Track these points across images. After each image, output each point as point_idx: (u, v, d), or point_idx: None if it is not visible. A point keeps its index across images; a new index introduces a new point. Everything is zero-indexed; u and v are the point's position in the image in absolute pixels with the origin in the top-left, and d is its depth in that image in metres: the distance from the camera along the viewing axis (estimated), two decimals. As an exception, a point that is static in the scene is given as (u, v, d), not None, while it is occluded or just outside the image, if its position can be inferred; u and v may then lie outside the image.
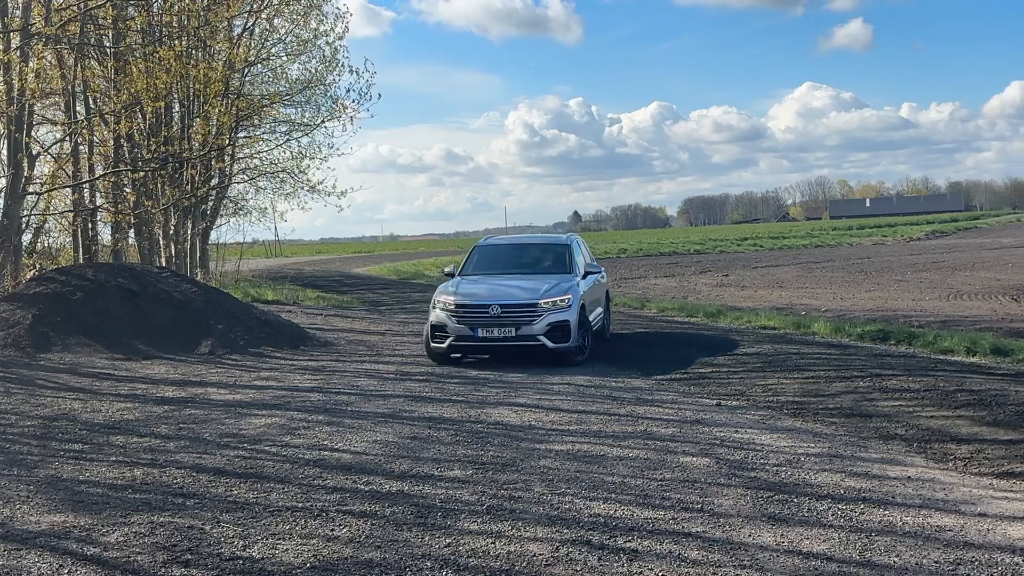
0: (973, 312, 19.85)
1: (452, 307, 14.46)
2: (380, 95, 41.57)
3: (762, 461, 8.18)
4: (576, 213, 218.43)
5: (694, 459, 8.28)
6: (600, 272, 17.11)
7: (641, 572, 5.54)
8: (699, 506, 6.84)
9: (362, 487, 7.50)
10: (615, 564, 5.67)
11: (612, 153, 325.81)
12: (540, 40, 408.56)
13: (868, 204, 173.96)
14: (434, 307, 14.77)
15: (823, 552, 5.83)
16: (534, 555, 5.84)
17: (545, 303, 14.28)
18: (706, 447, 8.77)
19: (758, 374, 13.02)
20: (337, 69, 28.05)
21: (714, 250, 60.36)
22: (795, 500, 6.95)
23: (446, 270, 16.88)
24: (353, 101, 27.56)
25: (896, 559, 5.68)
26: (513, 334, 14.21)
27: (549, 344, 14.20)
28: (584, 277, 15.77)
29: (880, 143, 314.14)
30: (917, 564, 5.59)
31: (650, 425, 9.78)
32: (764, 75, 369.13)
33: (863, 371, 12.66)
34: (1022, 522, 6.31)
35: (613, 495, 7.15)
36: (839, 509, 6.71)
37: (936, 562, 5.62)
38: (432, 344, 14.66)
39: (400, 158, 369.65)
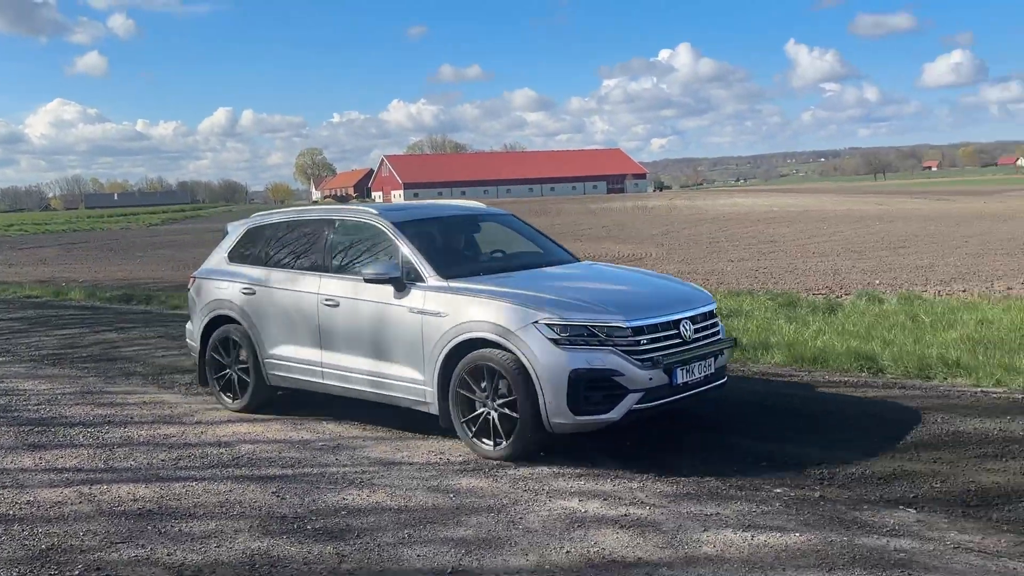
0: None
1: (625, 333, 7.03)
2: None
3: (25, 403, 9.55)
4: None
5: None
6: None
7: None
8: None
9: None
10: None
11: None
12: None
13: (116, 197, 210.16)
14: (559, 343, 6.89)
15: (74, 466, 7.34)
16: None
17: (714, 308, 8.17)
18: (-32, 398, 9.93)
19: (23, 334, 14.52)
20: None
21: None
22: (52, 430, 8.40)
23: (370, 273, 7.85)
24: None
25: (132, 463, 7.39)
26: (712, 370, 7.72)
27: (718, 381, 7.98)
28: None
29: (123, 149, 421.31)
30: (148, 464, 7.34)
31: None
32: (18, 90, 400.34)
33: (110, 325, 15.12)
34: (226, 424, 8.53)
35: None
36: (88, 432, 8.31)
37: (163, 460, 7.43)
38: (588, 416, 6.97)
39: None
